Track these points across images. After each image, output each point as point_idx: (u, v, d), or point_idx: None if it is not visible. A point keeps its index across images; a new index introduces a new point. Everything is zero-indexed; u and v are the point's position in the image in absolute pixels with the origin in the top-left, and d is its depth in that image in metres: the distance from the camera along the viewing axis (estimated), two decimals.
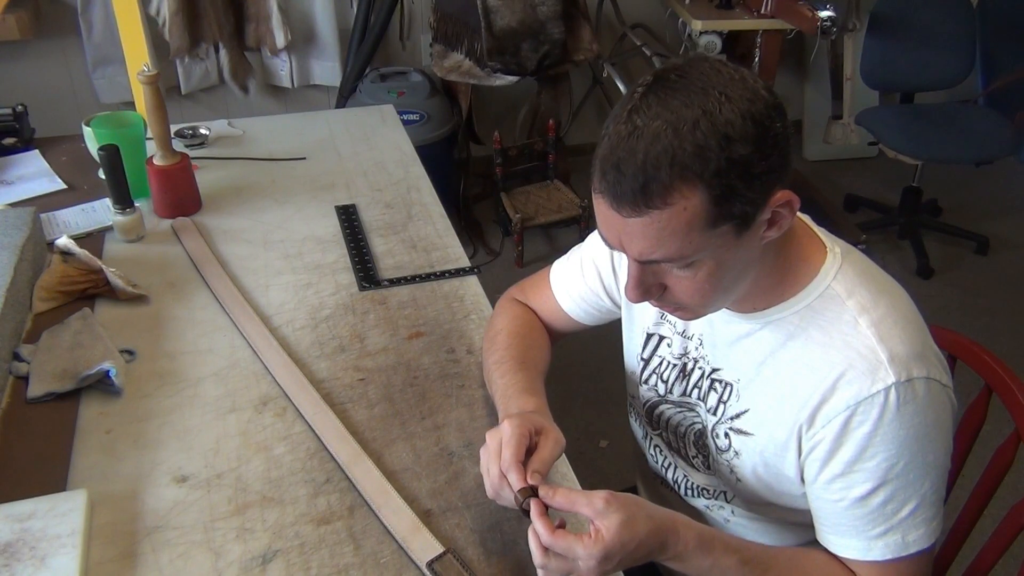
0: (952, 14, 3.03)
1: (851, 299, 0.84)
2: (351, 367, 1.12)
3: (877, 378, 0.80)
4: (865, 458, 0.81)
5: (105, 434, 1.01)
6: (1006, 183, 3.61)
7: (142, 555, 0.86)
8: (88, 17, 2.73)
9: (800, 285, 0.86)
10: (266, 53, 2.97)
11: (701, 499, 1.05)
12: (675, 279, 0.81)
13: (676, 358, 1.00)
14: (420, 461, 0.98)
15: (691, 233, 0.74)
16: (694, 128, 0.71)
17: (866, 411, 0.80)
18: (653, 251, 0.76)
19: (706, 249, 0.76)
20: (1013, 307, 2.80)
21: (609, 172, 0.74)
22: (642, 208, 0.73)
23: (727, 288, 0.82)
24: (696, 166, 0.71)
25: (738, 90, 0.73)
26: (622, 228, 0.76)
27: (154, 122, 1.37)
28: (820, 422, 0.83)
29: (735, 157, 0.72)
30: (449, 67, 2.81)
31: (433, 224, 1.46)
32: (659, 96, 0.74)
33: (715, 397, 0.95)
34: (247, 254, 1.36)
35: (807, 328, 0.85)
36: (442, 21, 2.81)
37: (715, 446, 0.97)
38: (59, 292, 1.22)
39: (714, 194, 0.72)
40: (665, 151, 0.71)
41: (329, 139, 1.76)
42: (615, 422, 2.22)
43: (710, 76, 0.74)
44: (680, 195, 0.72)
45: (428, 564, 0.83)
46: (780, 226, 0.79)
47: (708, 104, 0.72)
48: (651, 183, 0.72)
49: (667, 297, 0.83)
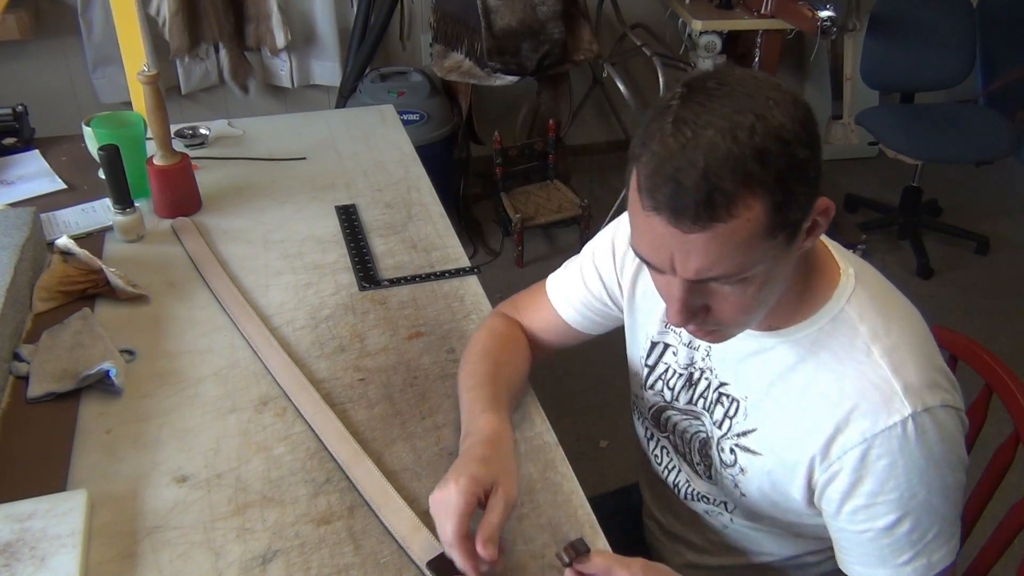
0: (952, 14, 3.03)
1: (863, 324, 0.82)
2: (351, 367, 1.12)
3: (892, 410, 0.79)
4: (887, 490, 0.80)
5: (105, 434, 1.01)
6: (1006, 183, 3.61)
7: (142, 555, 0.86)
8: (88, 17, 2.73)
9: (815, 306, 0.84)
10: (266, 53, 2.97)
11: (701, 503, 1.05)
12: (722, 297, 0.77)
13: (683, 368, 0.99)
14: (420, 461, 0.98)
15: (752, 245, 0.71)
16: (751, 133, 0.68)
17: (884, 443, 0.79)
18: (712, 267, 0.72)
19: (762, 262, 0.73)
20: (1013, 307, 2.81)
21: (665, 186, 0.69)
22: (705, 222, 0.69)
23: (768, 304, 0.80)
24: (759, 172, 0.68)
25: (780, 94, 0.71)
26: (679, 245, 0.72)
27: (154, 122, 1.37)
28: (835, 453, 0.82)
29: (793, 161, 0.69)
30: (449, 67, 2.81)
31: (433, 224, 1.46)
32: (703, 104, 0.70)
33: (721, 411, 0.94)
34: (247, 254, 1.36)
35: (818, 352, 0.84)
36: (442, 21, 2.81)
37: (719, 459, 0.96)
38: (59, 292, 1.22)
39: (776, 201, 0.70)
40: (726, 158, 0.68)
41: (329, 139, 1.76)
42: (615, 422, 2.22)
43: (749, 82, 0.72)
44: (744, 205, 0.69)
45: (428, 564, 0.83)
46: (816, 235, 0.78)
47: (759, 108, 0.69)
48: (715, 193, 0.68)
49: (707, 319, 0.80)
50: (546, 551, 0.87)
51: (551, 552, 0.87)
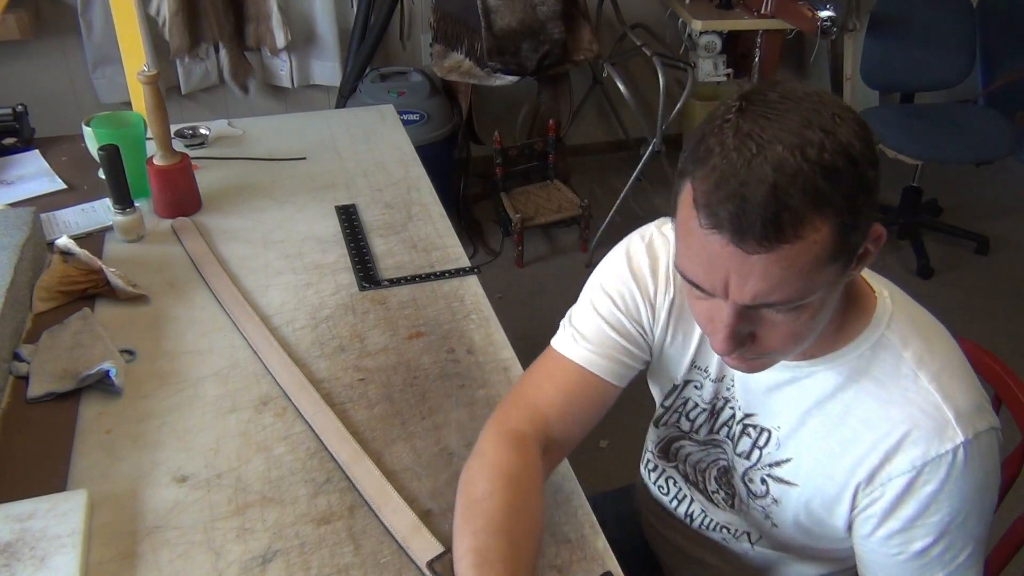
0: (952, 14, 3.03)
1: (907, 350, 0.79)
2: (351, 367, 1.12)
3: (945, 437, 0.76)
4: (928, 514, 0.79)
5: (105, 434, 1.01)
6: (1006, 183, 3.61)
7: (142, 555, 0.86)
8: (88, 17, 2.72)
9: (853, 332, 0.81)
10: (266, 53, 2.97)
11: (717, 533, 1.03)
12: (771, 325, 0.72)
13: (706, 402, 0.95)
14: (420, 461, 0.98)
15: (815, 270, 0.67)
16: (821, 150, 0.64)
17: (933, 471, 0.77)
18: (772, 293, 0.68)
19: (821, 288, 0.69)
20: (1013, 307, 2.80)
21: (728, 202, 0.65)
22: (771, 242, 0.65)
23: (817, 333, 0.76)
24: (829, 191, 0.64)
25: (844, 111, 0.67)
26: (738, 267, 0.67)
27: (154, 122, 1.37)
28: (881, 480, 0.80)
29: (862, 180, 0.66)
30: (449, 67, 2.81)
31: (433, 224, 1.46)
32: (767, 117, 0.66)
33: (748, 442, 0.91)
34: (247, 254, 1.36)
35: (859, 379, 0.81)
36: (442, 21, 2.81)
37: (747, 490, 0.94)
38: (59, 292, 1.22)
39: (843, 223, 0.66)
40: (796, 176, 0.63)
41: (329, 139, 1.76)
42: (615, 422, 2.21)
43: (813, 97, 0.67)
44: (812, 226, 0.65)
45: (428, 564, 0.83)
46: (866, 262, 0.74)
47: (826, 124, 0.65)
48: (783, 213, 0.64)
49: (752, 348, 0.75)
50: (546, 551, 0.87)
51: (551, 552, 0.87)
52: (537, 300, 2.82)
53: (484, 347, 1.16)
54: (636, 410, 1.02)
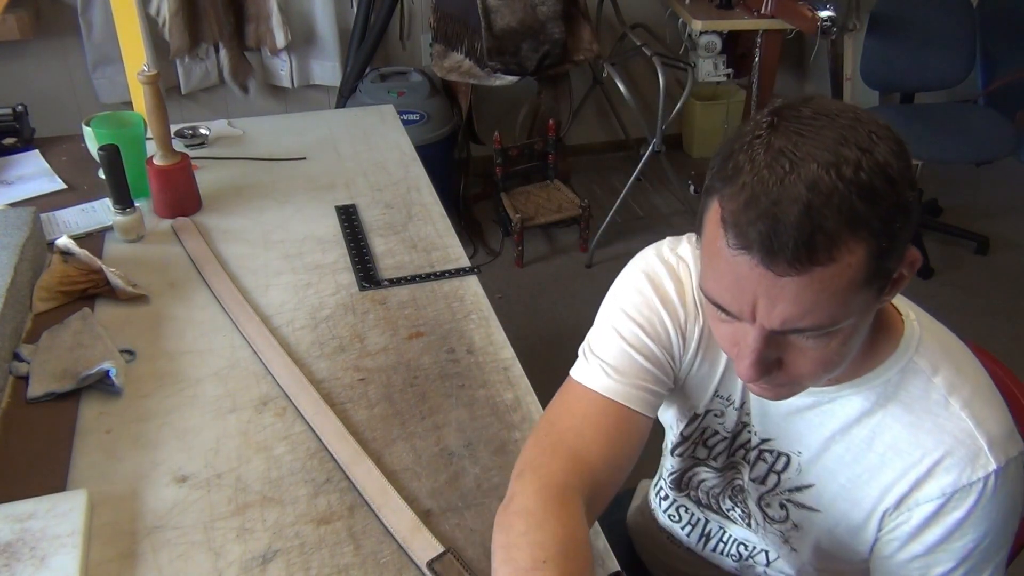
0: (952, 14, 3.03)
1: (937, 375, 0.77)
2: (351, 367, 1.12)
3: (978, 465, 0.75)
4: (952, 539, 0.78)
5: (105, 434, 1.01)
6: (1006, 183, 3.61)
7: (142, 555, 0.86)
8: (88, 17, 2.72)
9: (881, 357, 0.78)
10: (266, 53, 2.97)
11: (730, 560, 1.01)
12: (799, 351, 0.70)
13: (727, 431, 0.92)
14: (420, 461, 0.98)
15: (848, 294, 0.64)
16: (857, 169, 0.61)
17: (962, 498, 0.76)
18: (802, 317, 0.65)
19: (853, 314, 0.66)
20: (1013, 307, 2.80)
21: (759, 222, 0.62)
22: (804, 265, 0.62)
23: (847, 360, 0.73)
24: (866, 213, 0.61)
25: (882, 129, 0.64)
26: (767, 290, 0.64)
27: (154, 122, 1.37)
28: (908, 506, 0.79)
29: (900, 202, 0.63)
30: (449, 67, 2.81)
31: (433, 224, 1.46)
32: (801, 134, 0.63)
33: (764, 467, 0.90)
34: (247, 254, 1.36)
35: (887, 404, 0.79)
36: (442, 21, 2.81)
37: (763, 515, 0.93)
38: (59, 292, 1.22)
39: (879, 246, 0.63)
40: (831, 195, 0.61)
41: (329, 139, 1.76)
42: None
43: (848, 113, 0.65)
44: (847, 249, 0.62)
45: (428, 564, 0.83)
46: (899, 288, 0.71)
47: (863, 142, 0.62)
48: (817, 234, 0.61)
49: (779, 375, 0.72)
50: None
51: None
52: (537, 300, 2.82)
53: (484, 347, 1.16)
54: None
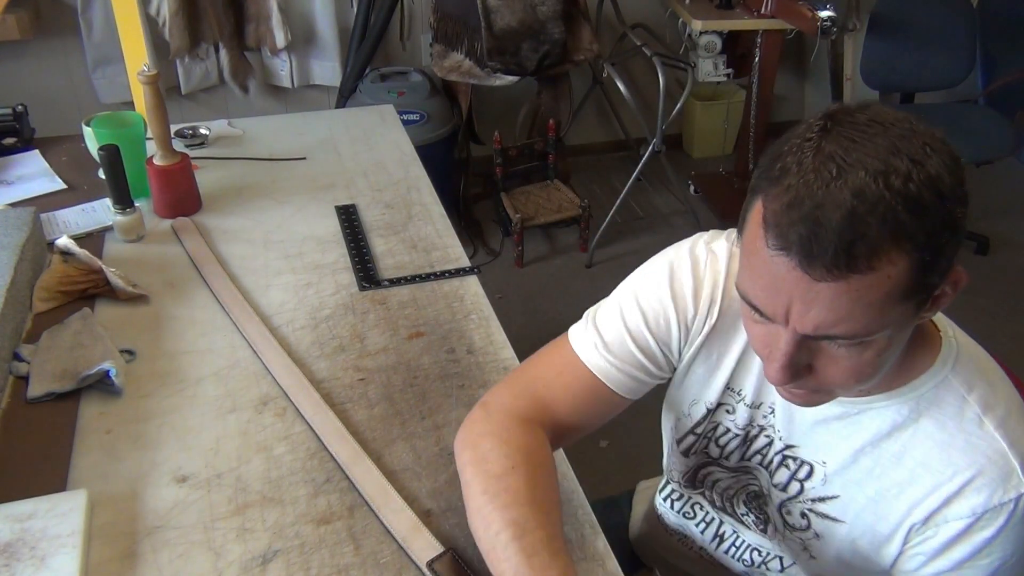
0: (952, 14, 3.03)
1: (972, 393, 0.77)
2: (351, 367, 1.12)
3: (1010, 486, 0.75)
4: (979, 558, 0.77)
5: (105, 434, 1.01)
6: (1006, 183, 3.61)
7: (142, 555, 0.86)
8: (88, 17, 2.73)
9: (916, 371, 0.78)
10: (266, 53, 2.97)
11: (741, 565, 1.01)
12: (831, 359, 0.69)
13: (740, 428, 0.92)
14: (420, 461, 0.98)
15: (886, 306, 0.63)
16: (907, 180, 0.60)
17: (992, 518, 0.75)
18: (836, 325, 0.64)
19: (889, 327, 0.66)
20: (1013, 307, 2.80)
21: (800, 225, 0.61)
22: (842, 271, 0.61)
23: (881, 373, 0.72)
24: (911, 224, 0.60)
25: (937, 142, 0.64)
26: (803, 294, 0.64)
27: (154, 122, 1.37)
28: (937, 522, 0.78)
29: (949, 218, 0.62)
30: (449, 67, 2.82)
31: (433, 224, 1.46)
32: (853, 140, 0.63)
33: (786, 474, 0.89)
34: (247, 254, 1.36)
35: (919, 420, 0.78)
36: (442, 21, 2.81)
37: (783, 521, 0.92)
38: (59, 292, 1.22)
39: (922, 260, 0.62)
40: (876, 204, 0.60)
41: (329, 139, 1.76)
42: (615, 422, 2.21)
43: (904, 123, 0.65)
44: (888, 259, 0.61)
45: (428, 564, 0.83)
46: (941, 305, 0.70)
47: (916, 154, 0.62)
48: (858, 241, 0.60)
49: (809, 380, 0.71)
50: None
51: None
52: (537, 300, 2.82)
53: (484, 347, 1.16)
54: (636, 410, 1.02)
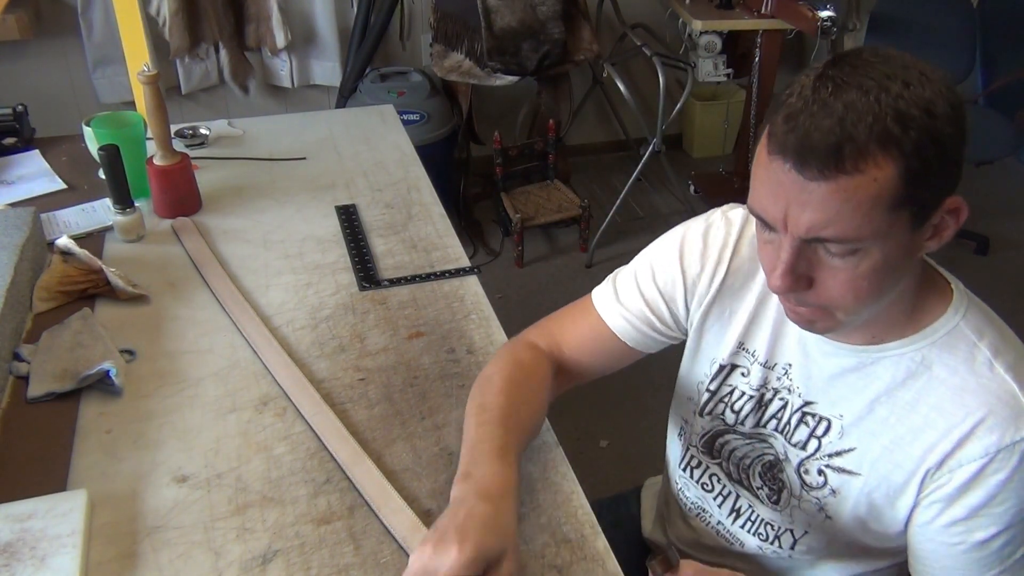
0: (952, 14, 3.03)
1: (983, 340, 0.80)
2: (351, 367, 1.12)
3: (1021, 425, 0.76)
4: (994, 504, 0.78)
5: (105, 434, 1.01)
6: (1006, 183, 3.61)
7: (142, 555, 0.86)
8: (88, 17, 2.73)
9: (926, 321, 0.81)
10: (266, 53, 2.97)
11: (756, 539, 1.01)
12: (830, 271, 0.73)
13: (754, 389, 0.94)
14: (420, 461, 0.98)
15: (874, 211, 0.68)
16: (897, 97, 0.66)
17: (1005, 458, 0.76)
18: (826, 226, 0.69)
19: (881, 237, 0.70)
20: (1013, 307, 2.78)
21: (796, 131, 0.68)
22: (831, 171, 0.67)
23: (881, 294, 0.76)
24: (898, 133, 0.66)
25: (937, 76, 0.69)
26: (798, 194, 0.69)
27: (154, 122, 1.37)
28: (950, 466, 0.79)
29: (937, 135, 0.67)
30: (449, 67, 2.82)
31: (433, 224, 1.46)
32: (853, 67, 0.69)
33: (805, 431, 0.90)
34: (247, 254, 1.36)
35: (931, 367, 0.81)
36: (442, 21, 2.81)
37: (801, 482, 0.93)
38: (59, 292, 1.22)
39: (910, 169, 0.67)
40: (866, 111, 0.66)
41: (329, 139, 1.76)
42: (615, 422, 2.22)
43: (908, 59, 0.70)
44: (874, 162, 0.67)
45: None
46: (942, 236, 0.75)
47: (911, 78, 0.68)
48: (847, 144, 0.66)
49: (810, 295, 0.76)
50: (546, 551, 0.87)
51: (551, 552, 0.87)
52: (537, 300, 2.82)
53: (484, 347, 1.16)
54: (636, 410, 1.02)
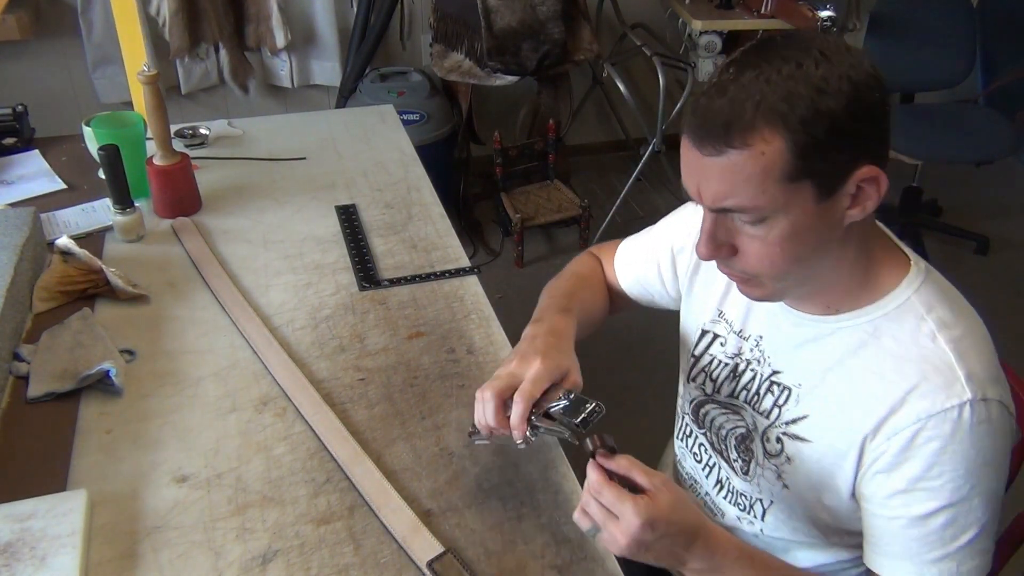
0: (952, 14, 3.03)
1: (931, 313, 0.82)
2: (351, 367, 1.12)
3: (952, 392, 0.77)
4: (931, 476, 0.78)
5: (105, 434, 1.01)
6: (1006, 183, 3.61)
7: (142, 555, 0.86)
8: (88, 17, 2.72)
9: (880, 292, 0.84)
10: (266, 53, 2.97)
11: (735, 509, 1.03)
12: (747, 239, 0.79)
13: (728, 357, 0.99)
14: (420, 461, 0.98)
15: (767, 182, 0.73)
16: (787, 78, 0.71)
17: (937, 426, 0.77)
18: (727, 197, 0.75)
19: (782, 206, 0.75)
20: (1013, 307, 2.80)
21: (699, 109, 0.75)
22: (722, 147, 0.73)
23: (801, 262, 0.80)
24: (783, 109, 0.71)
25: (840, 55, 0.73)
26: (700, 171, 0.76)
27: (154, 122, 1.37)
28: (886, 433, 0.80)
29: (823, 109, 0.71)
30: (449, 67, 2.81)
31: (433, 224, 1.46)
32: (759, 51, 0.75)
33: (770, 400, 0.93)
34: (247, 254, 1.36)
35: (880, 337, 0.83)
36: (442, 21, 2.81)
37: (763, 450, 0.95)
38: (59, 292, 1.22)
39: (797, 143, 0.72)
40: (753, 93, 0.72)
41: (329, 139, 1.76)
42: (615, 422, 2.21)
43: (815, 39, 0.74)
44: (761, 137, 0.72)
45: (428, 564, 0.84)
46: (864, 207, 0.78)
47: (805, 59, 0.72)
48: (735, 122, 0.72)
49: (736, 262, 0.82)
50: (546, 551, 0.87)
51: (551, 552, 0.87)
52: (537, 300, 2.82)
53: (484, 347, 1.16)
54: (636, 410, 1.02)
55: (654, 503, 0.74)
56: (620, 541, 0.74)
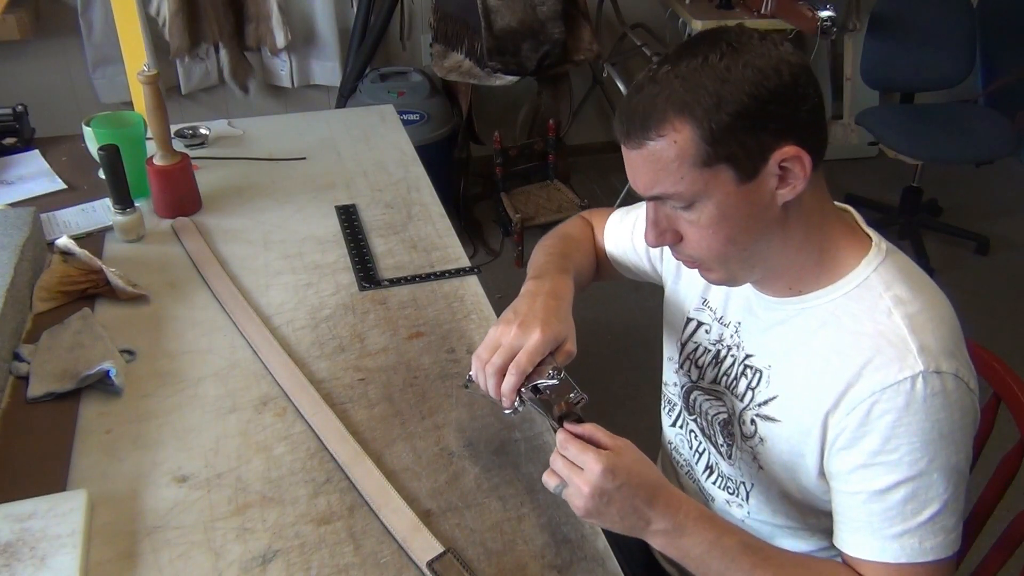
0: (952, 14, 3.03)
1: (889, 292, 0.84)
2: (351, 367, 1.12)
3: (904, 365, 0.78)
4: (888, 449, 0.79)
5: (105, 434, 1.01)
6: (1006, 183, 3.61)
7: (142, 555, 0.86)
8: (88, 17, 2.73)
9: (840, 273, 0.86)
10: (266, 53, 2.97)
11: (724, 492, 1.05)
12: (686, 225, 0.84)
13: (712, 344, 1.02)
14: (420, 461, 0.98)
15: (683, 168, 0.79)
16: (694, 71, 0.77)
17: (891, 399, 0.78)
18: (652, 185, 0.81)
19: (703, 191, 0.80)
20: (1013, 307, 2.80)
21: (624, 107, 0.81)
22: (642, 139, 0.79)
23: (736, 243, 0.83)
24: (688, 100, 0.77)
25: (751, 45, 0.77)
26: (631, 162, 0.82)
27: (154, 122, 1.37)
28: (844, 408, 0.82)
29: (731, 98, 0.76)
30: (449, 67, 2.81)
31: (433, 224, 1.46)
32: (677, 51, 0.80)
33: (744, 383, 0.96)
34: (247, 254, 1.36)
35: (840, 316, 0.85)
36: (442, 21, 2.81)
37: (741, 433, 0.97)
38: (59, 292, 1.22)
39: (704, 129, 0.77)
40: (665, 88, 0.78)
41: (329, 139, 1.76)
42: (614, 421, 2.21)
43: (728, 34, 0.79)
44: (672, 127, 0.78)
45: (428, 564, 0.84)
46: (793, 186, 0.80)
47: (712, 52, 0.77)
48: (651, 115, 0.78)
49: (684, 247, 0.87)
50: (546, 551, 0.87)
51: (551, 552, 0.87)
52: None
53: None
54: (636, 410, 1.03)
55: (616, 454, 0.79)
56: (583, 489, 0.78)
